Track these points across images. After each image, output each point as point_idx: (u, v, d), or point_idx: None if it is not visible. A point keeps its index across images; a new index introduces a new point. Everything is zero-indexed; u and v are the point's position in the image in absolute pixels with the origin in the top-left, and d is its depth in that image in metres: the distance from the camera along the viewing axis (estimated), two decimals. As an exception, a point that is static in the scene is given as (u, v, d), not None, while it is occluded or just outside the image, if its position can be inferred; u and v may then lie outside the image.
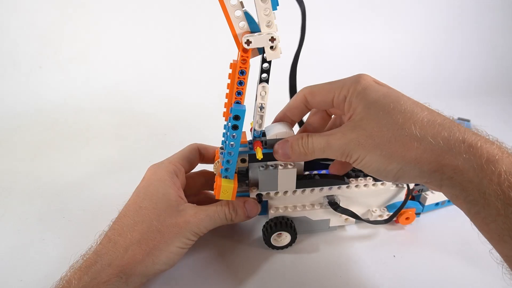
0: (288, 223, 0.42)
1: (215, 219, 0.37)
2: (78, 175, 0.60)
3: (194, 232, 0.36)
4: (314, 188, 0.42)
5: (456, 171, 0.26)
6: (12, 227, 0.48)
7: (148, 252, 0.33)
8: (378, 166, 0.30)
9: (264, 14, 0.29)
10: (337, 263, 0.42)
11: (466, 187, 0.26)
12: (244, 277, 0.40)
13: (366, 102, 0.31)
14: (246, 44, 0.30)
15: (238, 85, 0.32)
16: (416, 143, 0.28)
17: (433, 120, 0.28)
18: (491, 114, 0.81)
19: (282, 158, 0.36)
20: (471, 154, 0.26)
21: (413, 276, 0.40)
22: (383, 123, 0.29)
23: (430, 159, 0.27)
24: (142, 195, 0.36)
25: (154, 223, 0.34)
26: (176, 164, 0.40)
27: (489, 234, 0.26)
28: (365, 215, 0.45)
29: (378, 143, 0.29)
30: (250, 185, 0.41)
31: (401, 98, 0.30)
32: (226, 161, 0.36)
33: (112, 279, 0.31)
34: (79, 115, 0.82)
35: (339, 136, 0.31)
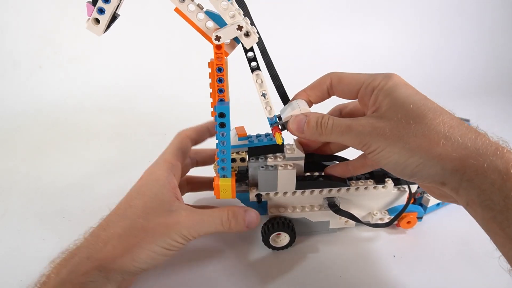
0: (286, 224, 0.42)
1: (210, 224, 0.35)
2: (78, 175, 0.60)
3: (183, 234, 0.34)
4: (314, 189, 0.42)
5: (478, 173, 0.26)
6: (12, 227, 0.48)
7: (128, 248, 0.31)
8: (397, 158, 0.29)
9: (222, 8, 0.29)
10: (337, 263, 0.42)
11: (486, 190, 0.25)
12: (242, 277, 0.40)
13: (395, 96, 0.30)
14: (216, 40, 0.30)
15: (218, 82, 0.32)
16: (443, 140, 0.27)
17: (461, 123, 0.28)
18: (491, 114, 0.81)
19: (296, 132, 0.34)
20: (498, 157, 0.26)
21: (413, 276, 0.40)
22: (411, 117, 0.29)
23: (454, 157, 0.27)
24: (134, 195, 0.36)
25: (139, 221, 0.33)
26: (171, 161, 0.38)
27: (503, 239, 0.25)
28: (365, 218, 0.45)
29: (403, 135, 0.28)
30: (249, 185, 0.41)
31: (430, 101, 0.30)
32: (221, 160, 0.36)
33: (91, 271, 0.30)
34: (79, 115, 0.82)
35: (363, 123, 0.30)
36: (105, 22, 0.30)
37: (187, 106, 0.84)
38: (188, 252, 0.44)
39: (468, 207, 0.27)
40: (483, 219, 0.26)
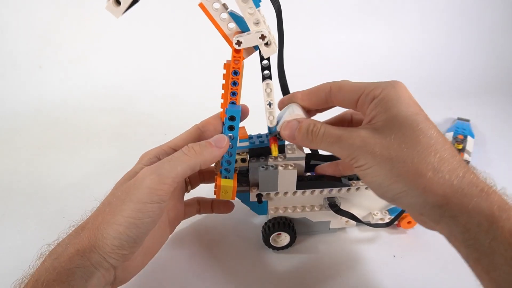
0: (287, 224, 0.42)
1: (173, 159, 0.31)
2: (78, 175, 0.60)
3: (146, 189, 0.29)
4: (314, 189, 0.42)
5: (462, 212, 0.26)
6: (12, 227, 0.48)
7: (97, 226, 0.29)
8: (382, 180, 0.28)
9: (249, 13, 0.29)
10: (337, 263, 0.42)
11: (471, 230, 0.25)
12: (242, 277, 0.40)
13: (394, 112, 0.29)
14: (236, 45, 0.30)
15: (232, 85, 0.32)
16: (431, 173, 0.27)
17: (453, 156, 0.28)
18: (491, 114, 0.81)
19: (287, 138, 0.34)
20: (483, 198, 0.26)
21: (413, 276, 0.40)
22: (404, 140, 0.28)
23: (438, 193, 0.26)
24: (118, 185, 0.35)
25: (108, 198, 0.32)
26: (163, 147, 0.36)
27: (488, 282, 0.25)
28: (366, 218, 0.45)
29: (392, 158, 0.28)
30: (250, 185, 0.41)
31: (430, 122, 0.29)
32: (225, 161, 0.36)
33: (73, 257, 0.28)
34: (79, 115, 0.82)
35: (355, 136, 0.29)
36: (127, 4, 0.28)
37: (187, 106, 0.84)
38: (188, 251, 0.44)
39: (450, 241, 0.28)
40: (467, 259, 0.27)
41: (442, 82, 0.96)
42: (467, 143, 0.63)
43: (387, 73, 0.97)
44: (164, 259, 0.43)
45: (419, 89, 0.92)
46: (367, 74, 0.96)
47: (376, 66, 0.99)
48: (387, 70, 0.98)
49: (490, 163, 0.63)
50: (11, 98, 0.85)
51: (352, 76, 1.02)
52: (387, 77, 0.99)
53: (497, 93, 0.92)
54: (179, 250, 0.44)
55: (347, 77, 0.95)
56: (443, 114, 0.79)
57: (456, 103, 0.85)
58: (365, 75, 0.96)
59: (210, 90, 0.85)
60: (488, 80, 0.97)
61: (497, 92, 0.92)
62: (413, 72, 0.99)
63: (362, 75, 0.96)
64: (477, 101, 0.87)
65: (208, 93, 0.92)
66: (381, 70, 0.98)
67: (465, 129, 0.69)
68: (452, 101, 0.87)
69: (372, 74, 0.97)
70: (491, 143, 0.69)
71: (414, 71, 0.99)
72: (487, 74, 0.99)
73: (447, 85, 0.95)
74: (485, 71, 1.00)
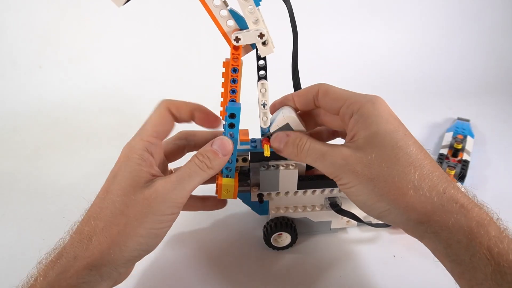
0: (288, 224, 0.42)
1: (190, 175, 0.31)
2: (78, 175, 0.60)
3: (169, 203, 0.30)
4: (315, 189, 0.42)
5: (443, 229, 0.26)
6: (12, 227, 0.48)
7: (113, 239, 0.28)
8: (365, 199, 0.29)
9: (248, 12, 0.29)
10: (337, 263, 0.42)
11: (452, 246, 0.26)
12: (243, 277, 0.40)
13: (374, 129, 0.29)
14: (235, 41, 0.30)
15: (231, 83, 0.32)
16: (411, 191, 0.27)
17: (432, 171, 0.28)
18: (491, 114, 0.81)
19: (275, 150, 0.35)
20: (462, 214, 0.26)
21: (413, 276, 0.40)
22: (385, 158, 0.28)
23: (420, 210, 0.27)
24: (111, 179, 0.32)
25: (117, 206, 0.29)
26: (147, 139, 0.34)
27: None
28: (367, 217, 0.45)
29: (374, 178, 0.28)
30: (251, 184, 0.41)
31: (409, 138, 0.30)
32: (225, 169, 0.36)
33: (81, 272, 0.28)
34: (79, 115, 0.82)
35: (337, 154, 0.30)
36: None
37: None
38: (186, 251, 0.44)
39: (436, 254, 0.28)
40: (452, 273, 0.27)
41: (442, 82, 0.96)
42: (466, 143, 0.64)
43: (387, 73, 0.98)
44: (164, 259, 0.43)
45: (419, 89, 0.93)
46: (367, 74, 0.96)
47: (376, 66, 0.99)
48: (387, 70, 0.98)
49: (490, 163, 0.63)
50: (11, 98, 0.85)
51: (352, 76, 1.02)
52: (387, 77, 0.99)
53: (497, 93, 0.92)
54: (179, 251, 0.44)
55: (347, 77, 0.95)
56: (443, 114, 0.79)
57: (456, 103, 0.85)
58: (365, 75, 0.96)
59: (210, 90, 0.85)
60: (488, 80, 0.97)
61: (497, 92, 0.92)
62: (413, 72, 0.99)
63: (362, 75, 0.96)
64: (477, 101, 0.87)
65: (208, 93, 0.92)
66: (381, 70, 0.98)
67: (464, 129, 0.69)
68: (452, 101, 0.87)
69: (372, 74, 0.97)
70: (491, 143, 0.69)
71: (414, 71, 0.99)
72: (487, 74, 0.99)
73: (447, 85, 0.95)
74: (485, 71, 1.00)
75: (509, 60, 1.02)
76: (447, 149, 0.62)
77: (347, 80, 0.92)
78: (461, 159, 0.59)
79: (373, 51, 1.03)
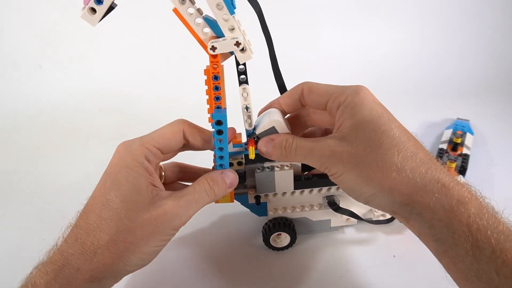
0: (287, 224, 0.42)
1: (197, 202, 0.32)
2: (78, 175, 0.60)
3: (174, 226, 0.32)
4: (312, 189, 0.42)
5: (426, 209, 0.27)
6: (12, 227, 0.48)
7: (119, 255, 0.29)
8: (353, 185, 0.30)
9: (223, 20, 0.29)
10: (337, 263, 0.42)
11: (435, 225, 0.27)
12: (243, 278, 0.40)
13: (358, 118, 0.30)
14: (211, 50, 0.30)
15: (214, 90, 0.32)
16: (394, 173, 0.28)
17: (415, 153, 0.29)
18: (491, 114, 0.81)
19: (264, 155, 0.36)
20: (443, 194, 0.27)
21: (413, 276, 0.40)
22: (369, 144, 0.29)
23: (403, 192, 0.28)
24: (109, 185, 0.31)
25: (124, 221, 0.30)
26: (149, 147, 0.33)
27: (456, 274, 0.27)
28: (367, 215, 0.45)
29: (359, 163, 0.29)
30: (248, 187, 0.41)
31: (392, 123, 0.30)
32: (219, 165, 0.36)
33: (84, 285, 0.29)
34: (79, 115, 0.82)
35: (324, 147, 0.31)
36: (102, 13, 0.28)
37: (187, 106, 0.84)
38: (187, 252, 0.44)
39: (421, 236, 0.29)
40: (436, 252, 0.28)
41: (442, 82, 0.96)
42: (466, 138, 0.64)
43: (387, 73, 0.97)
44: (164, 260, 0.43)
45: (419, 89, 0.93)
46: (367, 74, 0.96)
47: (376, 66, 0.99)
48: (387, 70, 0.98)
49: (490, 163, 0.63)
50: (11, 98, 0.85)
51: (352, 76, 1.02)
52: (387, 77, 0.99)
53: (497, 93, 0.92)
54: (178, 251, 0.44)
55: (347, 77, 0.95)
56: (443, 114, 0.79)
57: (456, 103, 0.85)
58: (365, 75, 0.96)
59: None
60: (488, 80, 0.97)
61: (497, 92, 0.92)
62: (413, 72, 0.99)
63: (362, 75, 0.96)
64: (477, 101, 0.87)
65: (208, 93, 0.93)
66: (381, 70, 0.98)
67: (464, 127, 0.69)
68: (452, 101, 0.87)
69: (372, 74, 0.97)
70: (491, 143, 0.69)
71: (414, 71, 0.99)
72: (487, 74, 0.99)
73: (447, 85, 0.95)
74: (485, 71, 1.00)
75: (509, 60, 1.02)
76: (446, 144, 0.62)
77: (347, 80, 0.92)
78: (461, 153, 0.59)
79: (373, 51, 1.03)
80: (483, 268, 0.25)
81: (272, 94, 0.39)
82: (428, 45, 1.04)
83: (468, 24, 1.06)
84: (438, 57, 1.03)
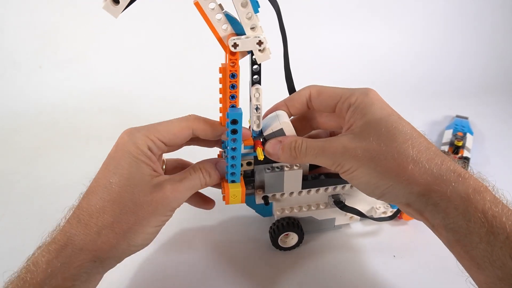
0: (295, 223, 0.42)
1: (193, 187, 0.34)
2: (78, 175, 0.60)
3: (172, 207, 0.33)
4: (319, 188, 0.42)
5: (442, 198, 0.28)
6: (12, 227, 0.48)
7: (123, 235, 0.31)
8: (368, 179, 0.30)
9: (246, 18, 0.29)
10: (337, 263, 0.42)
11: (450, 214, 0.27)
12: (246, 278, 0.41)
13: (370, 117, 0.31)
14: (233, 47, 0.29)
15: (230, 88, 0.32)
16: (411, 165, 0.29)
17: (428, 147, 0.30)
18: (491, 114, 0.81)
19: (272, 157, 0.36)
20: (460, 183, 0.28)
21: (413, 276, 0.40)
22: (382, 139, 0.30)
23: (420, 182, 0.28)
24: (112, 169, 0.32)
25: (127, 204, 0.31)
26: (153, 139, 0.34)
27: (468, 261, 0.27)
28: (369, 212, 0.46)
29: (374, 157, 0.30)
30: (255, 187, 0.41)
31: (403, 120, 0.32)
32: (230, 166, 0.36)
33: (85, 264, 0.29)
34: (79, 115, 0.82)
35: (336, 144, 0.31)
36: (125, 3, 0.27)
37: (187, 106, 0.84)
38: (194, 253, 0.44)
39: (434, 229, 0.29)
40: (448, 242, 0.28)
41: (442, 82, 0.96)
42: (466, 140, 0.64)
43: (387, 73, 0.98)
44: (172, 262, 0.43)
45: (419, 89, 0.93)
46: (367, 74, 0.96)
47: (376, 66, 0.99)
48: (387, 70, 0.98)
49: (488, 161, 0.63)
50: (11, 98, 0.85)
51: (352, 76, 1.02)
52: (387, 76, 0.99)
53: (497, 93, 0.92)
54: (186, 254, 0.44)
55: (347, 77, 0.95)
56: (443, 114, 0.79)
57: (456, 103, 0.85)
58: (365, 75, 0.96)
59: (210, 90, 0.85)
60: (488, 80, 0.97)
61: (497, 92, 0.92)
62: (413, 72, 0.99)
63: (362, 75, 0.96)
64: (477, 101, 0.87)
65: (207, 93, 0.93)
66: (381, 70, 0.98)
67: (464, 126, 0.69)
68: (452, 100, 0.87)
69: (372, 74, 0.97)
70: (489, 141, 0.70)
71: (414, 71, 0.99)
72: (487, 74, 0.99)
73: (447, 85, 0.95)
74: (485, 71, 1.00)
75: (509, 60, 1.02)
76: (447, 147, 0.63)
77: (347, 80, 0.92)
78: (462, 156, 0.59)
79: (373, 51, 1.03)
80: (497, 254, 0.25)
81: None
82: (428, 45, 1.05)
83: (468, 24, 1.06)
84: (438, 57, 1.03)
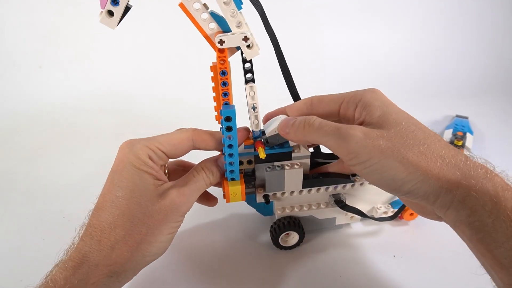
0: (296, 223, 0.42)
1: (198, 189, 0.35)
2: (78, 175, 0.60)
3: (182, 212, 0.34)
4: (320, 187, 0.42)
5: (469, 194, 0.26)
6: (12, 227, 0.48)
7: (136, 247, 0.31)
8: (394, 174, 0.28)
9: (230, 16, 0.29)
10: (337, 263, 0.42)
11: (476, 211, 0.26)
12: (247, 277, 0.41)
13: (385, 110, 0.30)
14: (219, 44, 0.30)
15: (222, 86, 0.32)
16: (439, 160, 0.27)
17: (447, 144, 0.29)
18: (491, 114, 0.81)
19: (281, 131, 0.35)
20: (488, 179, 0.26)
21: (413, 276, 0.40)
22: (405, 133, 0.28)
23: (450, 178, 0.27)
24: (116, 182, 0.32)
25: (137, 215, 0.31)
26: (153, 148, 0.34)
27: (491, 260, 0.26)
28: (369, 212, 0.46)
29: (399, 149, 0.28)
30: (256, 186, 0.41)
31: (414, 119, 0.31)
32: (228, 164, 0.36)
33: (102, 279, 0.30)
34: (79, 115, 0.82)
35: (353, 130, 0.29)
36: (120, 14, 0.28)
37: (187, 106, 0.84)
38: (196, 253, 0.44)
39: (456, 227, 0.28)
40: (470, 240, 0.27)
41: (442, 82, 0.96)
42: (466, 140, 0.64)
43: (387, 73, 0.98)
44: (172, 261, 0.43)
45: (419, 89, 0.93)
46: (367, 74, 0.96)
47: (376, 66, 0.99)
48: (387, 70, 0.98)
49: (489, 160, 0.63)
50: (11, 98, 0.85)
51: (352, 76, 1.02)
52: (387, 76, 0.99)
53: (496, 93, 0.92)
54: (187, 252, 0.44)
55: (347, 77, 0.95)
56: (443, 114, 0.79)
57: (456, 102, 0.85)
58: (365, 75, 0.96)
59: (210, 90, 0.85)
60: (488, 80, 0.97)
61: (496, 92, 0.92)
62: (413, 72, 0.99)
63: (362, 75, 0.96)
64: (477, 101, 0.87)
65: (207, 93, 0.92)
66: (381, 70, 0.98)
67: (464, 126, 0.69)
68: (452, 100, 0.87)
69: (372, 74, 0.97)
70: (489, 141, 0.70)
71: (414, 71, 0.99)
72: (487, 74, 0.99)
73: (447, 85, 0.95)
74: (485, 71, 1.00)
75: (509, 60, 1.02)
76: None
77: (347, 80, 0.92)
78: None
79: (373, 51, 1.03)
80: None
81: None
82: (428, 45, 1.04)
83: (468, 24, 1.06)
84: (438, 57, 1.03)
